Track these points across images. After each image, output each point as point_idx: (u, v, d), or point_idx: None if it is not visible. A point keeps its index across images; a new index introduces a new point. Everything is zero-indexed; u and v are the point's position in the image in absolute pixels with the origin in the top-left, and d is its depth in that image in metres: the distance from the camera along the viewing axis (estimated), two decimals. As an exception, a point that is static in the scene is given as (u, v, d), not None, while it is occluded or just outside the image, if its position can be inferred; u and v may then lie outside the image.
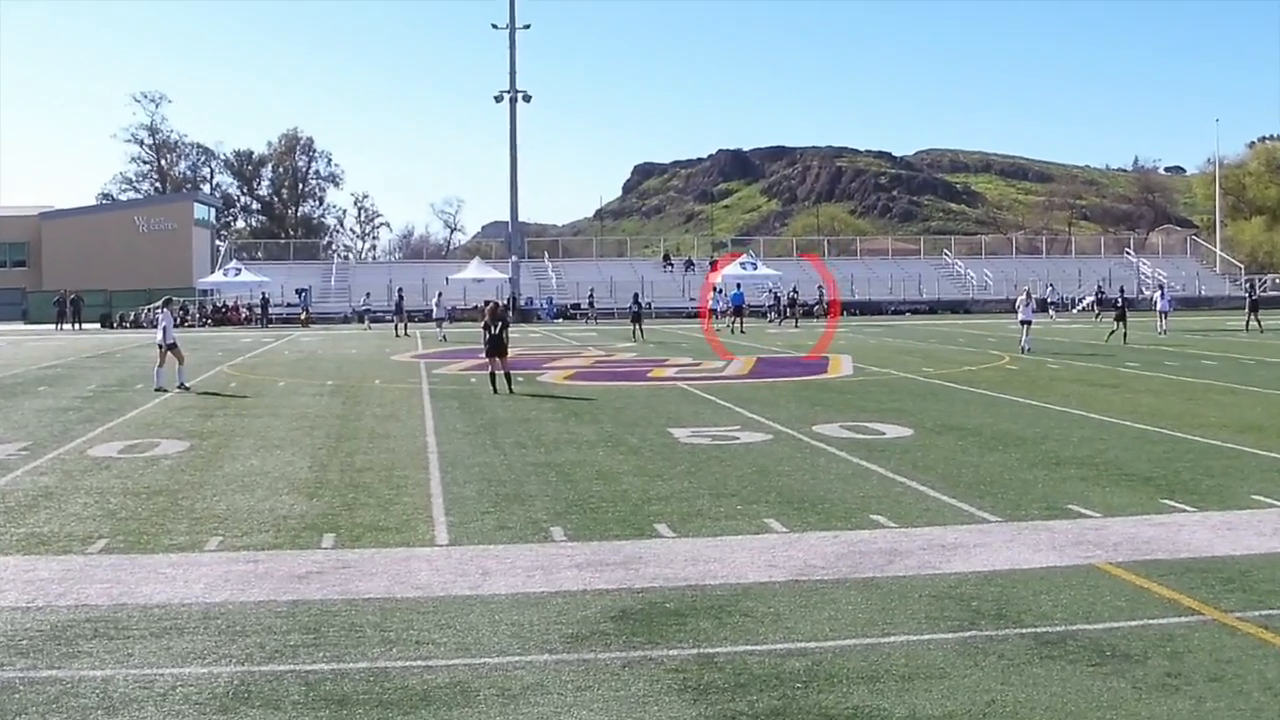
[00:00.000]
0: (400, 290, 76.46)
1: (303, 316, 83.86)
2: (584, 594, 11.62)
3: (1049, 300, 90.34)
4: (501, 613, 10.98)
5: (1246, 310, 61.52)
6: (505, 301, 35.99)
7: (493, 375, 31.64)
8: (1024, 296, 51.96)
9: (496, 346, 31.39)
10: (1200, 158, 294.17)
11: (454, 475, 18.48)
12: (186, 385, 33.39)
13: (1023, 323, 50.30)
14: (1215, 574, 12.29)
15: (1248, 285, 71.95)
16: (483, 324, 32.64)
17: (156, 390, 32.67)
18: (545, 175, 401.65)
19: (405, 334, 66.53)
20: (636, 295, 69.03)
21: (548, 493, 16.98)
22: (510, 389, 31.04)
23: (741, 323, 70.53)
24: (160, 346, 34.12)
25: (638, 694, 8.85)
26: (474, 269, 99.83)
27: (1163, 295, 54.45)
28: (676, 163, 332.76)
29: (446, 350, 50.34)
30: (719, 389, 32.24)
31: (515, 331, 57.58)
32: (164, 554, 13.47)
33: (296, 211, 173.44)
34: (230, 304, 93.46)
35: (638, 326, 63.44)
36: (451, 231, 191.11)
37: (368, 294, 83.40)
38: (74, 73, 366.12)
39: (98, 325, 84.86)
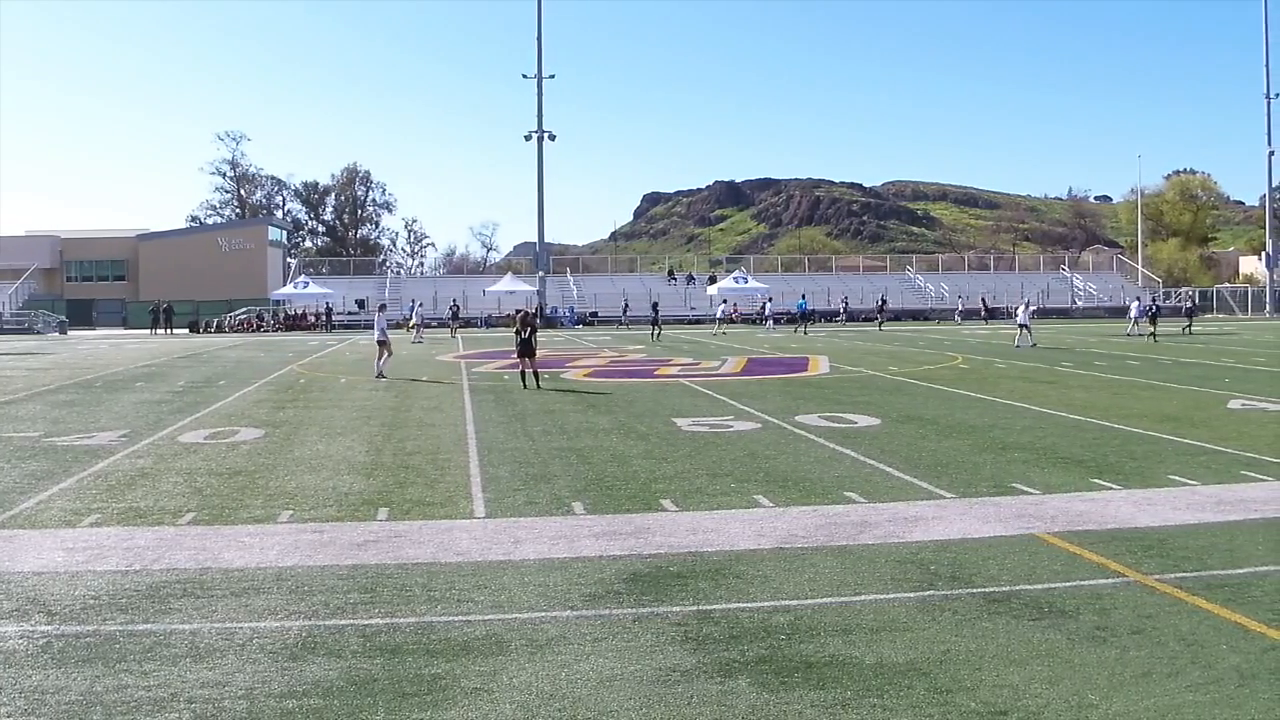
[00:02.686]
0: (454, 300, 77.15)
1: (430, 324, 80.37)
2: (600, 559, 11.62)
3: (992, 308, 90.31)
4: (530, 575, 10.98)
5: (1147, 320, 61.85)
6: (534, 309, 36.04)
7: (523, 373, 31.71)
8: (1024, 305, 53.13)
9: (526, 349, 31.49)
10: (1125, 188, 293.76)
11: (490, 458, 18.47)
12: (384, 375, 35.04)
13: (1020, 325, 52.35)
14: (1137, 542, 12.27)
15: (1148, 298, 72.18)
16: (515, 329, 32.70)
17: (378, 377, 34.71)
18: (568, 202, 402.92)
19: (454, 336, 66.89)
20: (655, 304, 69.86)
21: (569, 473, 16.96)
22: (538, 385, 31.09)
23: (806, 328, 73.93)
24: (379, 343, 36.07)
25: (646, 644, 8.85)
26: (507, 282, 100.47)
27: (1026, 308, 54.62)
28: (679, 192, 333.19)
29: (485, 351, 50.30)
30: (715, 385, 32.22)
31: (542, 336, 57.54)
32: (242, 525, 13.48)
33: (356, 233, 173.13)
34: (299, 312, 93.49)
35: (657, 329, 64.50)
36: (488, 250, 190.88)
37: (417, 303, 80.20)
38: (168, 112, 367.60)
39: (186, 330, 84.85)
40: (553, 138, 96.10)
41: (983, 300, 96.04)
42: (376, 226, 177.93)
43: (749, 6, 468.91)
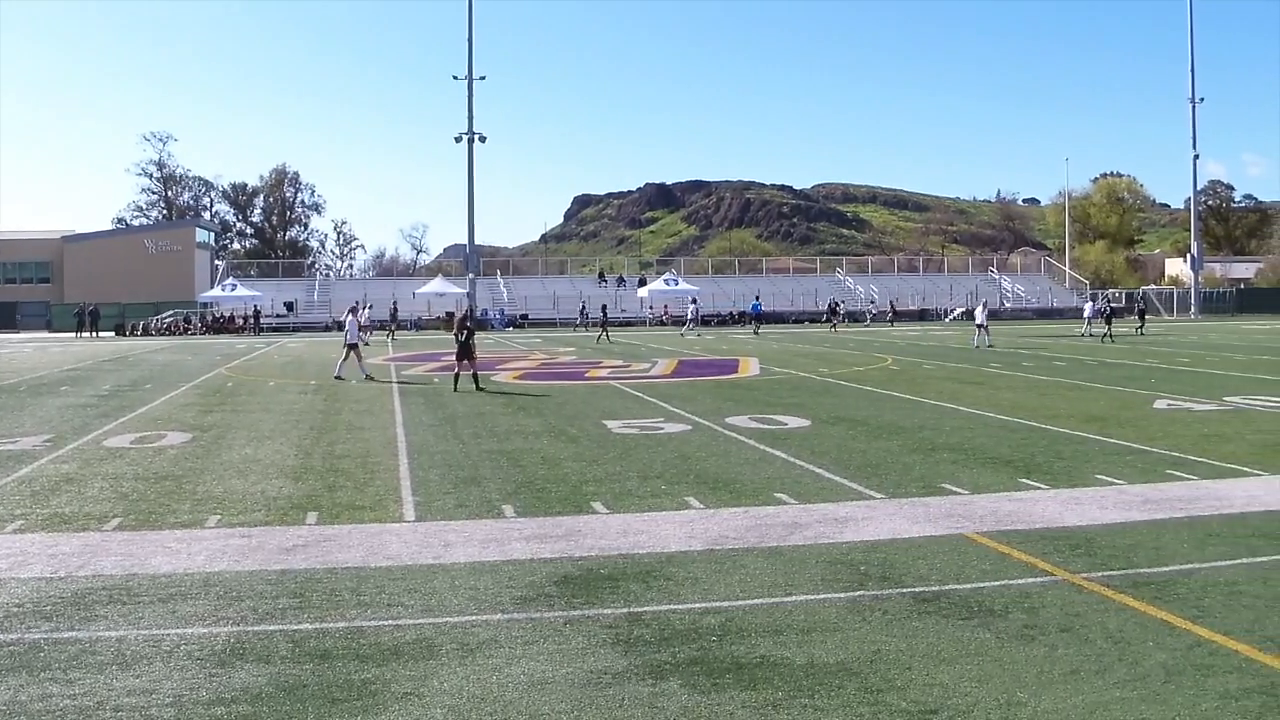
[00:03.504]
0: (394, 302, 77.26)
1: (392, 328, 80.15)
2: (531, 562, 11.59)
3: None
4: (461, 578, 10.94)
5: (1101, 321, 62.80)
6: (465, 312, 36.06)
7: (456, 376, 31.63)
8: (981, 306, 53.99)
9: (464, 351, 31.44)
10: (1053, 190, 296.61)
11: (420, 461, 18.40)
12: (341, 377, 35.09)
13: (979, 326, 53.36)
14: (1065, 541, 12.37)
15: (1105, 300, 73.22)
16: (454, 332, 32.66)
17: (338, 379, 34.91)
18: (498, 204, 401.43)
19: (393, 338, 66.74)
20: (604, 307, 70.39)
21: (500, 476, 16.92)
22: (477, 386, 31.08)
23: (758, 328, 75.90)
24: (348, 345, 36.40)
25: (577, 647, 8.84)
26: (437, 285, 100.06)
27: (984, 308, 55.50)
28: (610, 194, 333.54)
29: (415, 354, 50.13)
30: (646, 387, 32.25)
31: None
32: (170, 530, 13.35)
33: (284, 235, 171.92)
34: (227, 315, 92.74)
35: (605, 331, 65.73)
36: (418, 253, 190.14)
37: (367, 304, 78.37)
38: (93, 113, 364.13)
39: (112, 334, 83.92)
40: (483, 139, 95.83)
41: (891, 304, 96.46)
42: (305, 228, 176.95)
43: (679, 10, 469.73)
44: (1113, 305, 70.00)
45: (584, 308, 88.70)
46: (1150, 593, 10.26)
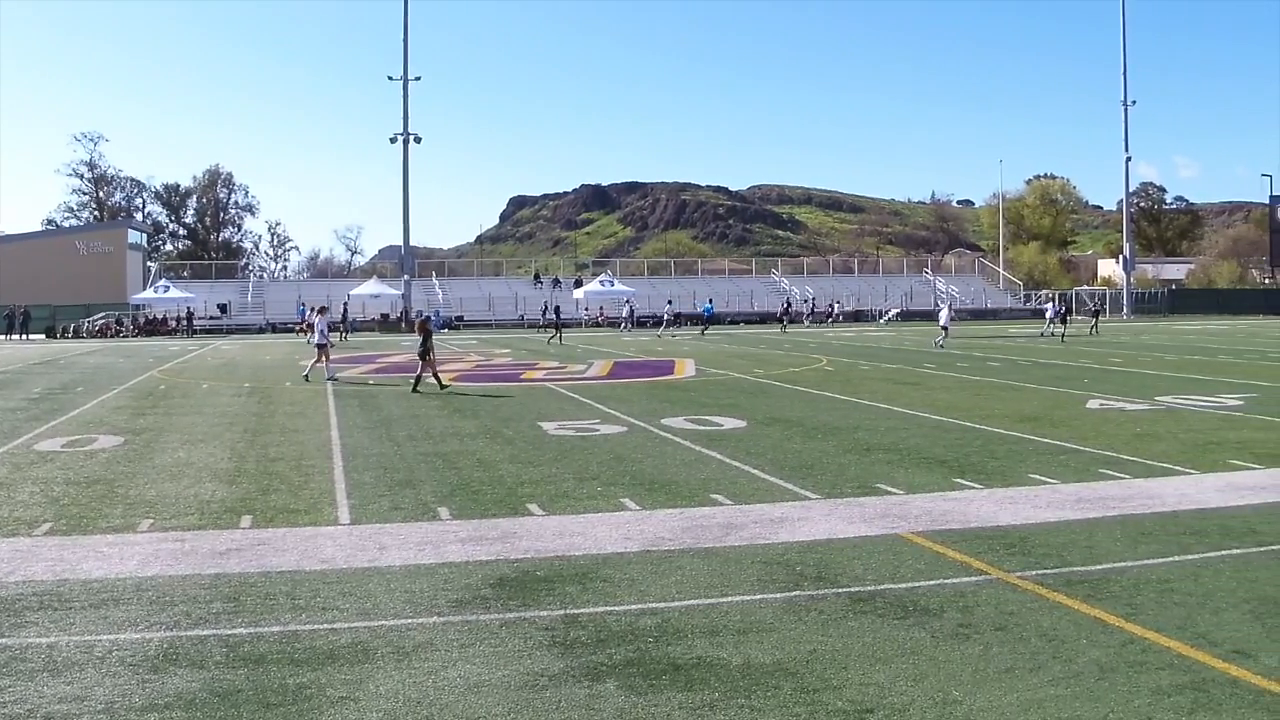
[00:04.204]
0: (345, 303, 77.14)
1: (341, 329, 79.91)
2: (467, 564, 11.56)
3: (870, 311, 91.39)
4: (396, 581, 10.90)
5: (1058, 321, 63.87)
6: (428, 316, 36.11)
7: (418, 377, 31.59)
8: (946, 307, 55.18)
9: (425, 353, 31.44)
10: (987, 192, 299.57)
11: (354, 464, 18.32)
12: (335, 378, 35.20)
13: (943, 327, 54.71)
14: (999, 540, 12.46)
15: (1059, 302, 74.37)
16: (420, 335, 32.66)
17: (306, 379, 35.23)
18: (434, 205, 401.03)
19: (344, 340, 66.47)
20: (558, 309, 70.51)
21: (435, 478, 16.87)
22: (414, 388, 31.15)
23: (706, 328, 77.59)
24: (317, 346, 36.50)
25: (513, 650, 8.82)
26: (371, 286, 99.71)
27: (949, 309, 56.66)
28: (546, 195, 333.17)
29: (348, 356, 49.85)
30: (582, 388, 32.23)
31: (406, 341, 57.30)
32: (101, 535, 13.22)
33: (218, 237, 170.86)
34: (160, 317, 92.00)
35: (558, 333, 65.72)
36: (352, 254, 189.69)
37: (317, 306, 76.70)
38: (22, 113, 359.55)
39: (43, 336, 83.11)
40: (418, 140, 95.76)
41: (786, 303, 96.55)
42: (239, 229, 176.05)
43: (613, 10, 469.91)
44: (1068, 307, 70.79)
45: (546, 308, 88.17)
46: (1084, 591, 10.34)
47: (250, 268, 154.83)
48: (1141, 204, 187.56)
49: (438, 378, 31.81)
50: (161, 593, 10.57)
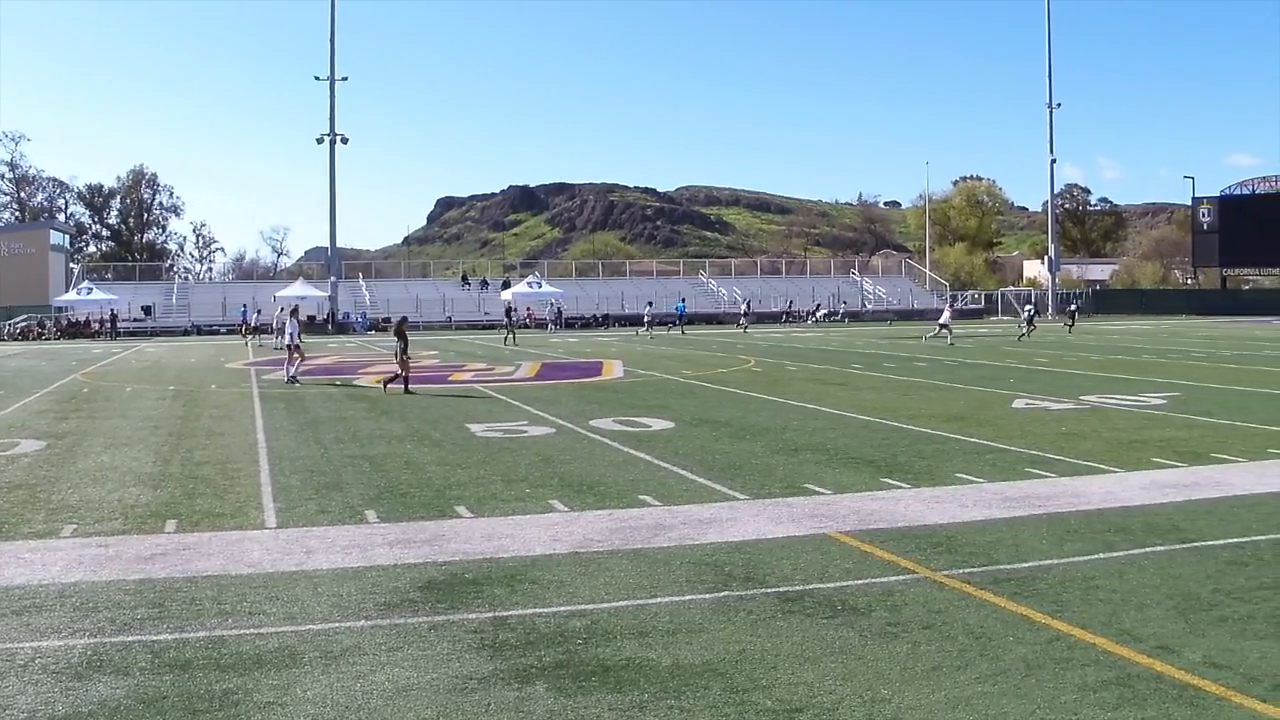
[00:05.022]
0: (296, 304, 76.35)
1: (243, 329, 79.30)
2: (395, 567, 11.53)
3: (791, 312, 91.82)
4: (323, 585, 10.85)
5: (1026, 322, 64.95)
6: (404, 318, 35.90)
7: (394, 379, 31.71)
8: (948, 307, 57.39)
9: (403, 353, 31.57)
10: (913, 193, 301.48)
11: (281, 467, 18.22)
12: (297, 380, 35.12)
13: (941, 325, 56.58)
14: (926, 539, 12.56)
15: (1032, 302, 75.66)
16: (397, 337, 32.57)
17: (290, 381, 34.83)
18: (361, 206, 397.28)
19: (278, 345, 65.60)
20: (509, 309, 70.17)
21: (362, 481, 16.81)
22: (385, 387, 31.74)
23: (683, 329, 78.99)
24: (288, 347, 36.31)
25: (442, 652, 8.80)
26: (298, 288, 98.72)
27: (950, 309, 58.91)
28: (473, 196, 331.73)
29: (274, 358, 49.50)
30: (510, 390, 32.18)
31: (333, 343, 57.07)
32: (23, 540, 13.07)
33: (142, 238, 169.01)
34: (83, 319, 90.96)
35: (511, 334, 66.39)
36: (279, 255, 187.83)
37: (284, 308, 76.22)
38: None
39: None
40: (345, 141, 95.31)
41: (746, 305, 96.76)
42: (163, 231, 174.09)
43: (541, 10, 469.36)
44: (1037, 308, 71.93)
45: (509, 308, 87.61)
46: (1010, 589, 10.45)
47: (175, 269, 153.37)
48: (1066, 205, 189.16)
49: (396, 380, 31.78)
50: (85, 599, 10.46)
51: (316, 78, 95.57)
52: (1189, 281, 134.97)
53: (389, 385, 31.56)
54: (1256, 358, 43.89)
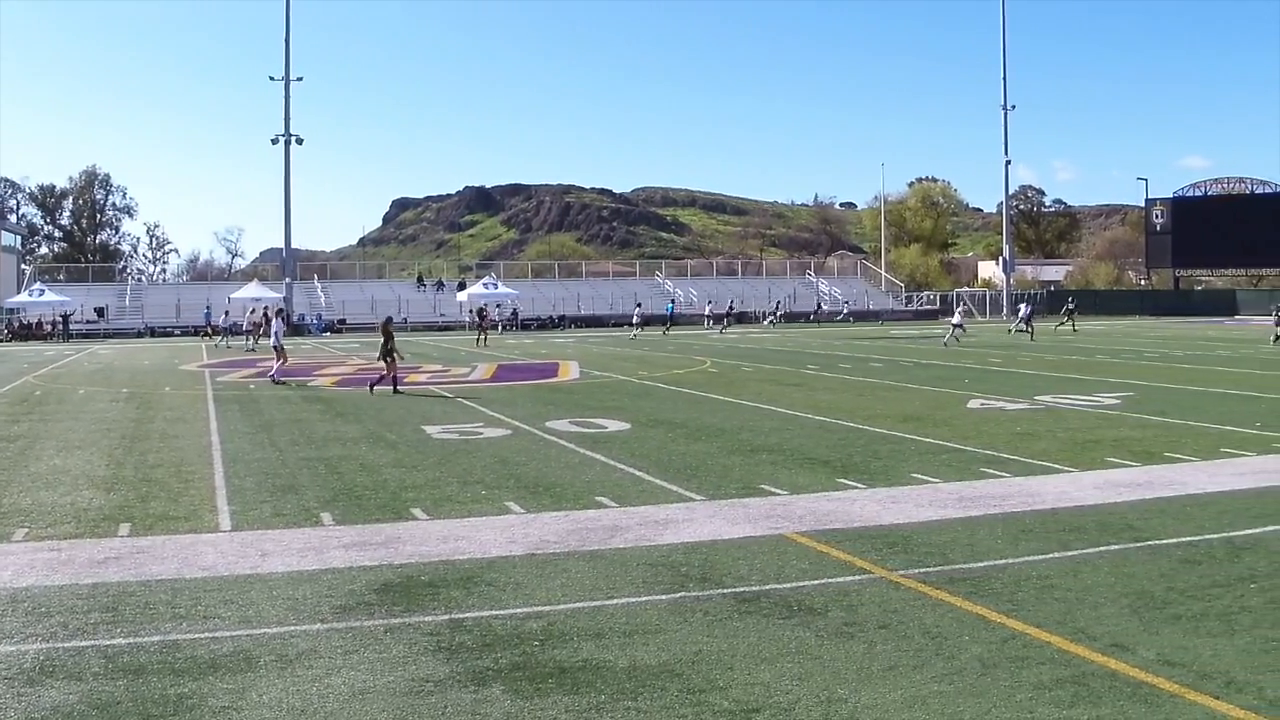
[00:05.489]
0: (266, 306, 76.06)
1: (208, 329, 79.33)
2: (350, 570, 11.49)
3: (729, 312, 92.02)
4: (279, 588, 10.81)
5: (1023, 322, 65.66)
6: (389, 319, 35.68)
7: (386, 378, 31.64)
8: (960, 308, 58.15)
9: (386, 355, 31.52)
10: (869, 195, 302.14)
11: (235, 470, 18.13)
12: (278, 380, 35.47)
13: (955, 325, 58.17)
14: (882, 539, 12.61)
15: (1030, 302, 76.27)
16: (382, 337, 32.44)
17: (276, 382, 35.09)
18: (316, 207, 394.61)
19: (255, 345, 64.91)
20: (481, 310, 70.22)
21: (318, 483, 16.75)
22: (373, 386, 31.65)
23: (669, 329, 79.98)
24: (275, 348, 36.95)
25: (398, 655, 8.78)
26: (252, 289, 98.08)
27: (961, 308, 60.15)
28: (429, 197, 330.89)
29: (229, 360, 49.29)
30: (465, 391, 32.13)
31: (289, 344, 56.74)
32: (-27, 544, 13.00)
33: (95, 239, 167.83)
34: (34, 321, 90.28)
35: (483, 335, 65.71)
36: (233, 256, 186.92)
37: (251, 309, 76.34)
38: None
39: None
40: (300, 141, 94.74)
41: (729, 305, 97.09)
42: (117, 232, 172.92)
43: (497, 11, 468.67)
44: (1035, 308, 72.50)
45: (481, 309, 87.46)
46: (966, 588, 10.50)
47: (128, 271, 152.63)
48: (1021, 206, 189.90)
49: (383, 380, 31.75)
50: (37, 604, 10.39)
51: (271, 78, 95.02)
52: (1142, 282, 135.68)
53: (375, 387, 31.47)
54: (1209, 358, 44.20)
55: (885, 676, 8.20)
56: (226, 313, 74.81)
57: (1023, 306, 69.05)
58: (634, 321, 78.60)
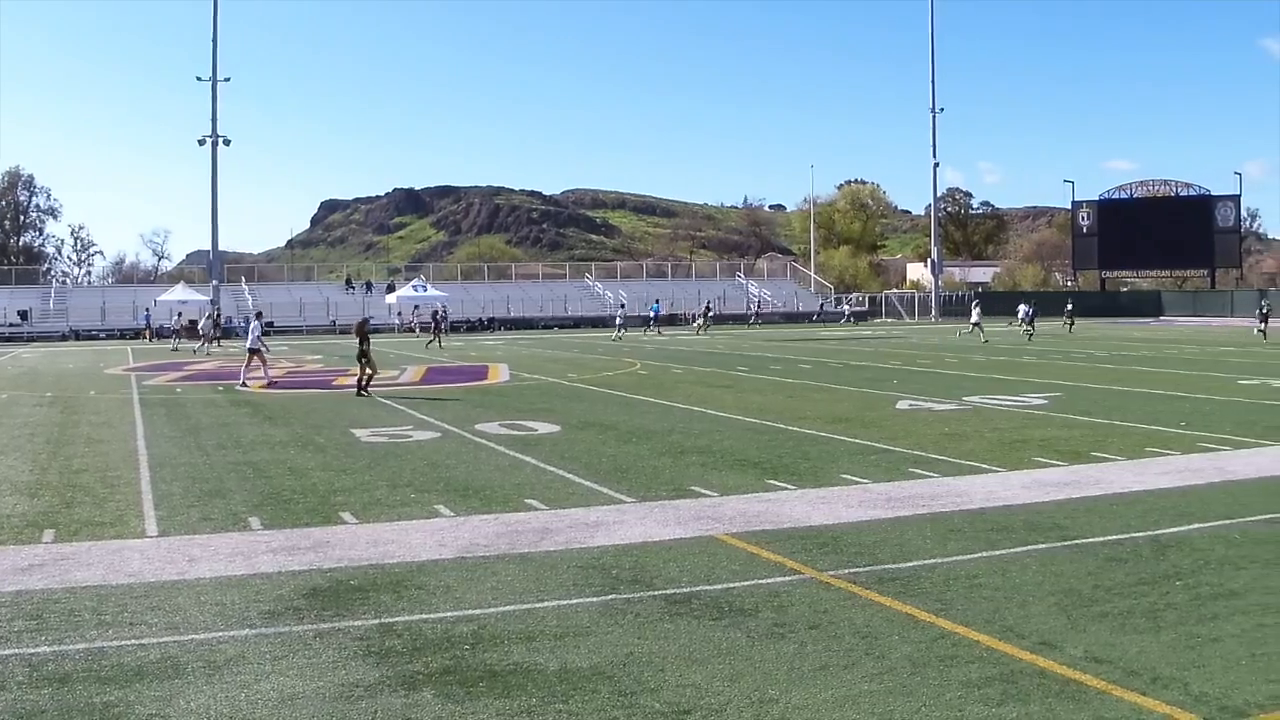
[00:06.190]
0: (217, 309, 75.62)
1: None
2: (279, 575, 11.42)
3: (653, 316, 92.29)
4: (206, 594, 10.72)
5: (1028, 323, 66.64)
6: (365, 320, 35.27)
7: (360, 381, 31.51)
8: (976, 306, 63.91)
9: (363, 357, 31.37)
10: (798, 196, 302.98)
11: (162, 474, 17.97)
12: (247, 383, 35.19)
13: (974, 324, 61.15)
14: (812, 540, 12.66)
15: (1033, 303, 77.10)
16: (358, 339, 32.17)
17: (241, 386, 34.86)
18: (243, 209, 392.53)
19: (206, 347, 63.90)
20: (435, 312, 70.39)
21: (246, 487, 16.64)
22: (358, 392, 31.28)
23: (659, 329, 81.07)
24: (250, 351, 36.80)
25: (328, 660, 8.74)
26: (179, 292, 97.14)
27: (978, 308, 62.28)
28: (358, 199, 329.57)
29: (156, 364, 48.85)
30: (395, 394, 31.99)
31: (217, 348, 56.51)
32: (-107, 551, 12.81)
33: (18, 241, 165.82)
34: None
35: (437, 338, 65.47)
36: (159, 259, 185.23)
37: (213, 310, 76.19)
38: None
39: None
40: (227, 142, 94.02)
41: (707, 305, 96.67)
42: (41, 234, 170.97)
43: (427, 11, 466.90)
44: (1035, 308, 72.98)
45: (439, 312, 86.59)
46: (895, 588, 10.56)
47: (52, 273, 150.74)
48: (949, 208, 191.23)
49: (360, 385, 31.56)
50: (-42, 611, 10.26)
51: (198, 78, 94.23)
52: (1069, 284, 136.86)
53: (361, 391, 31.32)
54: (1133, 358, 44.71)
55: (816, 676, 8.23)
56: (179, 314, 74.39)
57: (1022, 307, 69.59)
58: (617, 323, 77.64)
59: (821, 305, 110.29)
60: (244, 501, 15.52)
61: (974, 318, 61.80)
